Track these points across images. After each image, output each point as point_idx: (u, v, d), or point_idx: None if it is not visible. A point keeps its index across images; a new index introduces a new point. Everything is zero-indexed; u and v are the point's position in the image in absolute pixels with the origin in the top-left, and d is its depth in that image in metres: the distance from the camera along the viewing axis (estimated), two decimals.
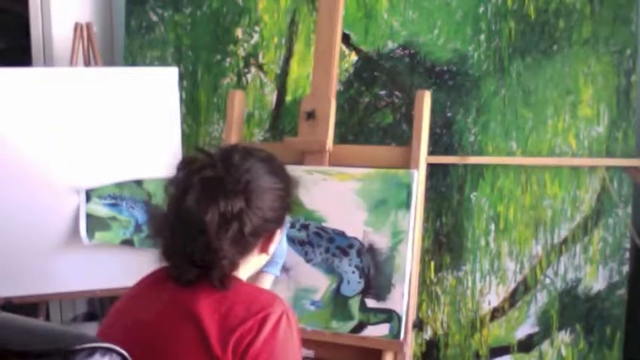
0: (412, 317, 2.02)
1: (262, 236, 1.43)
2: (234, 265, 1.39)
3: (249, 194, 1.37)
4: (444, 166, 2.36)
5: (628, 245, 2.23)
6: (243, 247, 1.40)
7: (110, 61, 2.93)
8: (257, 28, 2.63)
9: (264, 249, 1.46)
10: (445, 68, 2.40)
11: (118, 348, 1.11)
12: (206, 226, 1.33)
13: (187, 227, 1.36)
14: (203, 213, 1.33)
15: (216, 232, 1.34)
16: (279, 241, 1.84)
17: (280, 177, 1.46)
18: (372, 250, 2.03)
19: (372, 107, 2.47)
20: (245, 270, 1.46)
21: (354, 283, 2.03)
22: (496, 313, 2.33)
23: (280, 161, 1.51)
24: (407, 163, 2.06)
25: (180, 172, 1.41)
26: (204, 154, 1.43)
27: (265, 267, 1.80)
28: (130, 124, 2.44)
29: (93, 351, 1.09)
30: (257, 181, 1.40)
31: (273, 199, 1.42)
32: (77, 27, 2.67)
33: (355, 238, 2.05)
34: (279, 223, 1.47)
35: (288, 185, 1.48)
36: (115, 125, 2.43)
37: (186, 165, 1.41)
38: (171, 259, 1.41)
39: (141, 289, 1.47)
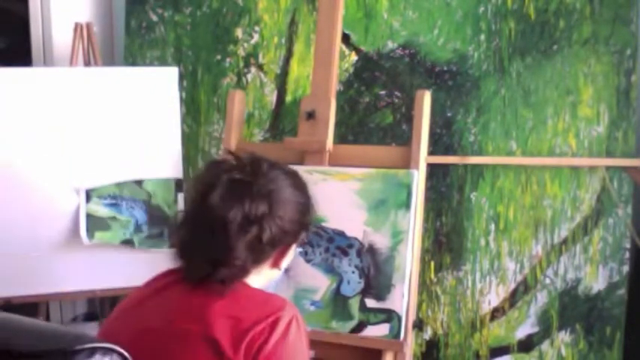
0: (412, 317, 2.02)
1: (277, 248, 1.44)
2: (245, 271, 1.40)
3: (273, 202, 1.40)
4: (444, 166, 2.36)
5: (628, 245, 2.23)
6: (257, 255, 1.41)
7: (110, 61, 2.93)
8: (257, 28, 2.63)
9: (276, 263, 1.47)
10: (445, 68, 2.40)
11: (118, 348, 1.11)
12: (227, 224, 1.35)
13: (208, 223, 1.37)
14: (227, 210, 1.36)
15: (236, 231, 1.36)
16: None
17: (302, 192, 1.49)
18: (372, 250, 2.03)
19: (372, 107, 2.47)
20: (255, 281, 1.45)
21: (354, 283, 2.03)
22: (496, 313, 2.33)
23: (303, 179, 1.53)
24: (407, 163, 2.06)
25: (208, 171, 1.44)
26: (234, 157, 1.46)
27: None
28: (130, 124, 2.44)
29: (93, 351, 1.09)
30: (281, 191, 1.42)
31: (294, 212, 1.44)
32: (77, 27, 2.67)
33: (355, 238, 2.05)
34: (295, 237, 1.48)
35: (308, 202, 1.50)
36: (115, 125, 2.43)
37: (215, 165, 1.45)
38: (186, 255, 1.41)
39: (150, 292, 1.45)
